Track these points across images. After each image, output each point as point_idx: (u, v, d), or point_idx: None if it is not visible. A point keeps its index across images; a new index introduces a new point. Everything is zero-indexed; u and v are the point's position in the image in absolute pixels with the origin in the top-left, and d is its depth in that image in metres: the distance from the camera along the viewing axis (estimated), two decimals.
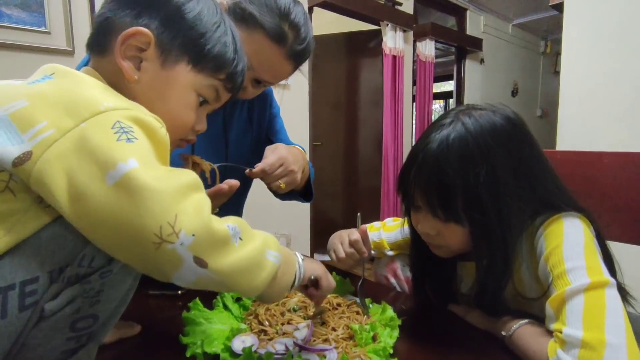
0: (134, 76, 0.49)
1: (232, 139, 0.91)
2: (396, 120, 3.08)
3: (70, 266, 0.40)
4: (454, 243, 0.68)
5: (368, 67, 3.26)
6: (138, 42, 0.49)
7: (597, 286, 0.55)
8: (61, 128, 0.38)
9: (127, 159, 0.38)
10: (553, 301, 0.57)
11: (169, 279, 0.40)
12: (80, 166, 0.37)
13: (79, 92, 0.42)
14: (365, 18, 2.90)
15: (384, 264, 0.93)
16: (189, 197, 0.39)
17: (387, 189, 3.09)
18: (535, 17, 4.24)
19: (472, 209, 0.63)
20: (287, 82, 2.43)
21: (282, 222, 2.51)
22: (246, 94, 0.83)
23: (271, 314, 0.66)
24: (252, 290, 0.45)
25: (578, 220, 0.64)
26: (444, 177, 0.62)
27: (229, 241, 0.41)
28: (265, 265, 0.45)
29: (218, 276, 0.40)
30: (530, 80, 4.74)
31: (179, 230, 0.37)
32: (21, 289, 0.38)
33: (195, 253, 0.38)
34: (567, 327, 0.53)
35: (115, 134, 0.39)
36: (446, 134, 0.63)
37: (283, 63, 0.78)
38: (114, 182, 0.37)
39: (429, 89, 3.48)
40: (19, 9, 1.49)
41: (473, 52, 3.90)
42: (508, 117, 0.65)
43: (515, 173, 0.63)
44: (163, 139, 0.44)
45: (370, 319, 0.67)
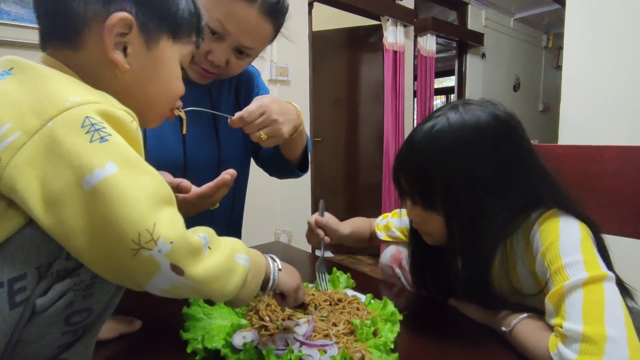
0: (127, 65, 0.47)
1: (221, 125, 0.89)
2: (397, 116, 3.07)
3: (57, 260, 0.40)
4: (435, 232, 0.70)
5: (369, 63, 3.25)
6: (120, 28, 0.46)
7: (595, 280, 0.55)
8: (27, 130, 0.37)
9: (104, 164, 0.37)
10: (552, 296, 0.57)
11: (143, 287, 0.40)
12: (53, 172, 0.36)
13: (41, 88, 0.40)
14: (366, 13, 2.88)
15: (389, 254, 0.92)
16: (164, 209, 0.40)
17: (388, 184, 3.08)
18: (537, 11, 4.21)
19: (446, 199, 0.65)
20: (287, 77, 2.43)
21: (283, 218, 2.51)
22: (230, 69, 0.80)
23: (272, 310, 0.66)
24: (224, 295, 0.45)
25: (572, 216, 0.64)
26: (423, 167, 0.65)
27: (202, 250, 0.42)
28: (237, 270, 0.46)
29: (193, 283, 0.41)
30: (532, 74, 4.72)
31: (157, 238, 0.37)
32: (10, 287, 0.38)
33: (172, 260, 0.39)
34: (567, 321, 0.53)
35: (87, 134, 0.37)
36: (431, 125, 0.66)
37: (259, 21, 0.75)
38: (91, 188, 0.36)
39: (430, 84, 3.46)
40: (18, 6, 1.48)
41: (474, 47, 3.88)
42: (495, 114, 0.65)
43: (495, 169, 0.63)
44: (134, 133, 0.42)
45: (370, 314, 0.67)
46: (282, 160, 0.92)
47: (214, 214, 0.87)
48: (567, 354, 0.51)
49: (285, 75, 2.41)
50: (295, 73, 2.48)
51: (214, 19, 0.72)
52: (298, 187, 2.59)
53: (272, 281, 0.54)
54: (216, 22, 0.73)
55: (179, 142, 0.84)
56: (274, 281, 0.54)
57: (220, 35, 0.74)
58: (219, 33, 0.74)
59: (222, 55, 0.76)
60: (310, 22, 2.58)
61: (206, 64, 0.78)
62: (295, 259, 1.06)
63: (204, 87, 0.88)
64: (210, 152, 0.88)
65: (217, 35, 0.74)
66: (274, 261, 0.56)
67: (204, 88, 0.88)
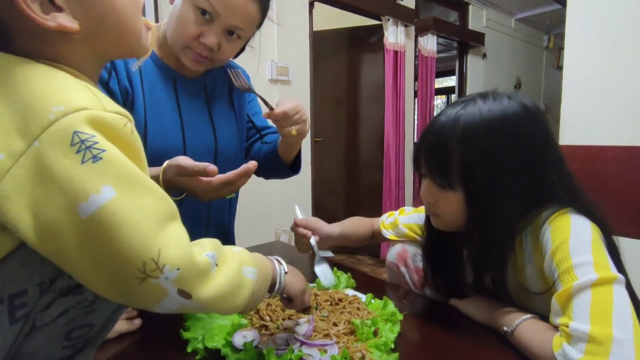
0: (75, 24, 0.39)
1: (216, 117, 0.94)
2: (398, 116, 3.07)
3: (60, 277, 0.38)
4: (448, 213, 0.70)
5: (369, 63, 3.24)
6: None
7: (604, 282, 0.54)
8: (12, 152, 0.33)
9: (100, 188, 0.34)
10: (560, 296, 0.56)
11: (151, 309, 0.39)
12: (45, 199, 0.33)
13: (21, 95, 0.35)
14: (366, 13, 2.88)
15: (395, 252, 0.92)
16: (169, 228, 0.38)
17: (389, 184, 3.08)
18: (538, 11, 4.21)
19: (467, 177, 0.65)
20: (288, 77, 2.42)
21: (284, 219, 2.51)
22: (222, 52, 0.82)
23: (272, 309, 0.66)
24: (232, 310, 0.46)
25: (584, 216, 0.63)
26: (445, 144, 0.65)
27: (210, 270, 0.41)
28: (244, 284, 0.46)
29: (201, 304, 0.41)
30: (533, 75, 4.71)
31: (163, 265, 0.36)
32: (10, 303, 0.36)
33: (180, 286, 0.38)
34: (574, 321, 0.53)
35: (78, 154, 0.33)
36: (458, 109, 0.66)
37: (247, 1, 0.77)
38: (89, 216, 0.33)
39: (431, 84, 3.46)
40: None
41: (475, 47, 3.88)
42: (524, 104, 0.66)
43: (516, 153, 0.63)
44: (129, 138, 0.38)
45: (370, 314, 0.67)
46: (278, 161, 0.95)
47: (211, 204, 0.92)
48: (572, 353, 0.51)
49: (286, 75, 2.41)
50: (295, 73, 2.48)
51: (203, 1, 0.75)
52: (298, 187, 2.59)
53: (278, 284, 0.54)
54: (206, 4, 0.75)
55: (178, 132, 0.87)
56: (281, 284, 0.54)
57: (210, 17, 0.77)
58: (209, 13, 0.77)
59: (214, 37, 0.79)
60: (311, 21, 2.58)
61: (200, 48, 0.80)
62: (296, 259, 1.06)
63: (200, 82, 0.92)
64: (208, 142, 0.91)
65: (208, 17, 0.77)
66: (280, 264, 0.56)
67: (199, 83, 0.92)
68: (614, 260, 0.58)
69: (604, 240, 0.61)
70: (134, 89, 0.81)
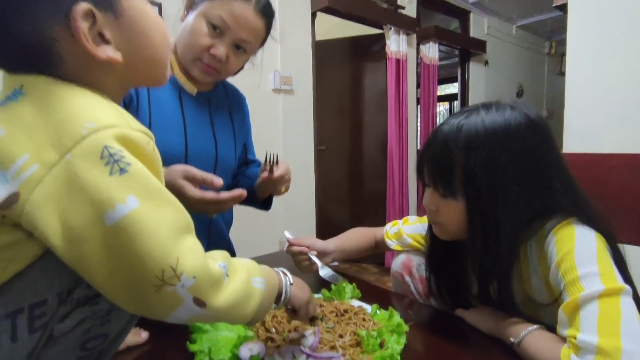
0: (119, 56, 0.43)
1: (217, 128, 1.00)
2: (401, 123, 3.08)
3: (78, 287, 0.40)
4: (450, 221, 0.70)
5: (372, 71, 3.26)
6: (86, 22, 0.41)
7: (611, 293, 0.54)
8: (45, 163, 0.36)
9: (125, 198, 0.36)
10: (566, 307, 0.56)
11: (164, 318, 0.40)
12: (73, 207, 0.36)
13: (56, 111, 0.38)
14: (368, 22, 2.90)
15: (400, 262, 0.92)
16: (186, 239, 0.40)
17: (393, 192, 3.08)
18: (539, 18, 4.22)
19: (469, 185, 0.65)
20: (291, 87, 2.44)
21: (288, 227, 2.49)
22: (229, 65, 0.89)
23: (278, 321, 0.66)
24: (242, 319, 0.47)
25: (588, 227, 0.63)
26: (448, 152, 0.66)
27: (222, 280, 0.43)
28: (253, 294, 0.47)
29: (214, 312, 0.42)
30: (535, 81, 4.72)
31: (180, 273, 0.38)
32: (30, 312, 0.38)
33: (195, 294, 0.39)
34: (581, 333, 0.52)
35: (107, 166, 0.36)
36: (460, 119, 0.67)
37: (255, 17, 0.86)
38: (113, 224, 0.36)
39: (434, 91, 3.47)
40: None
41: (477, 54, 3.89)
42: (527, 115, 0.66)
43: (520, 162, 0.64)
44: (151, 155, 0.41)
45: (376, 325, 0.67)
46: (253, 195, 1.02)
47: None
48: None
49: (289, 85, 2.43)
50: (299, 82, 2.50)
51: (216, 16, 0.84)
52: (302, 196, 2.59)
53: (284, 295, 0.55)
54: (218, 19, 0.84)
55: (181, 138, 0.91)
56: (286, 295, 0.55)
57: (221, 31, 0.85)
58: (220, 28, 0.85)
59: (223, 48, 0.86)
60: (313, 31, 2.60)
61: (209, 59, 0.87)
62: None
63: (205, 96, 0.97)
64: (209, 150, 0.96)
65: (218, 31, 0.85)
66: (285, 275, 0.56)
67: (204, 97, 0.97)
68: (620, 270, 0.58)
69: (609, 249, 0.61)
70: (139, 96, 0.85)
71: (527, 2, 3.82)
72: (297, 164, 2.55)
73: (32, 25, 0.39)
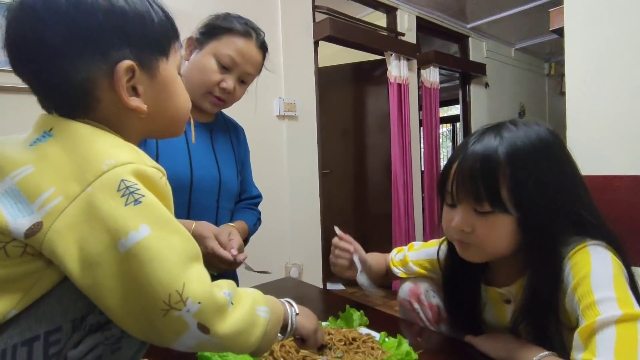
0: (145, 107, 0.49)
1: (219, 152, 1.08)
2: (404, 146, 3.11)
3: (91, 314, 0.41)
4: (490, 240, 0.66)
5: (374, 96, 3.32)
6: (126, 75, 0.47)
7: (629, 319, 0.54)
8: (68, 195, 0.39)
9: (138, 226, 0.39)
10: (582, 331, 0.55)
11: (169, 344, 0.42)
12: (91, 235, 0.38)
13: (80, 150, 0.42)
14: (369, 49, 2.98)
15: (407, 289, 0.91)
16: (193, 267, 0.42)
17: (398, 214, 3.07)
18: (537, 41, 4.31)
19: (521, 198, 0.63)
20: (295, 113, 2.49)
21: (294, 252, 2.50)
22: (235, 95, 1.01)
23: (286, 351, 0.66)
24: (246, 348, 0.47)
25: (604, 249, 0.63)
26: (491, 167, 0.64)
27: (227, 307, 0.44)
28: (258, 323, 0.48)
29: (218, 340, 0.43)
30: (536, 101, 4.76)
31: (186, 298, 0.39)
32: (45, 340, 0.39)
33: (200, 320, 0.41)
34: (597, 358, 0.52)
35: (122, 197, 0.39)
36: (492, 136, 0.66)
37: (256, 52, 0.99)
38: (126, 250, 0.38)
39: (436, 114, 3.51)
40: None
41: (477, 77, 3.96)
42: (553, 132, 0.68)
43: (561, 180, 0.64)
44: (164, 189, 0.45)
45: (385, 353, 0.66)
46: None
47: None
48: None
49: (293, 111, 2.48)
50: (303, 108, 2.55)
51: (224, 54, 0.95)
52: (308, 220, 2.59)
53: (290, 326, 0.56)
54: (227, 57, 0.95)
55: (186, 164, 0.97)
56: (292, 325, 0.56)
57: (229, 67, 0.97)
58: (229, 65, 0.96)
59: (232, 82, 0.98)
60: (316, 59, 2.67)
61: (219, 92, 0.98)
62: (307, 296, 1.05)
63: (207, 126, 1.06)
64: (213, 175, 1.02)
65: (227, 67, 0.97)
66: (291, 306, 0.57)
67: (207, 127, 1.06)
68: (635, 296, 0.58)
69: (625, 274, 0.61)
70: None
71: (524, 26, 3.91)
72: (302, 188, 2.56)
73: (84, 72, 0.44)
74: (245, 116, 1.29)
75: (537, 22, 3.62)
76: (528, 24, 3.82)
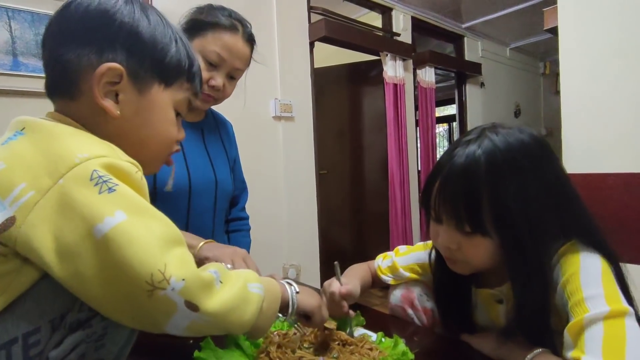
0: (117, 112, 0.49)
1: (212, 153, 1.07)
2: (400, 146, 3.11)
3: (70, 312, 0.41)
4: (475, 258, 0.67)
5: (370, 96, 3.33)
6: (111, 77, 0.48)
7: (616, 315, 0.54)
8: (40, 188, 0.39)
9: (114, 212, 0.38)
10: (571, 328, 0.56)
11: (162, 328, 0.41)
12: (66, 225, 0.38)
13: (52, 146, 0.42)
14: (365, 49, 2.98)
15: (399, 294, 0.88)
16: (175, 249, 0.41)
17: (395, 214, 3.08)
18: (531, 41, 4.33)
19: (502, 221, 0.61)
20: (292, 113, 2.49)
21: (291, 253, 2.50)
22: (225, 92, 0.99)
23: (282, 352, 0.66)
24: (243, 325, 0.46)
25: (593, 249, 0.63)
26: (471, 188, 0.62)
27: (214, 284, 0.43)
28: (251, 299, 0.47)
29: (209, 317, 0.42)
30: (532, 101, 4.78)
31: (169, 277, 0.38)
32: (24, 342, 0.39)
33: (186, 297, 0.40)
34: (586, 355, 0.52)
35: (96, 186, 0.39)
36: (473, 149, 0.63)
37: (244, 46, 0.97)
38: (103, 235, 0.37)
39: (432, 113, 3.53)
40: (35, 59, 1.57)
41: (473, 77, 3.97)
42: (535, 137, 0.66)
43: (544, 191, 0.62)
44: (139, 183, 0.44)
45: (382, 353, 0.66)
46: None
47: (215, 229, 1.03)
48: None
49: (289, 112, 2.48)
50: (299, 109, 2.55)
51: (211, 51, 0.93)
52: (305, 220, 2.59)
53: (291, 304, 0.56)
54: (214, 54, 0.93)
55: (183, 168, 0.96)
56: (294, 304, 0.56)
57: (217, 64, 0.95)
58: (216, 62, 0.94)
59: (220, 79, 0.96)
60: (312, 59, 2.68)
61: (208, 90, 0.96)
62: None
63: (198, 126, 1.06)
64: (208, 177, 1.02)
65: (215, 65, 0.95)
66: (290, 285, 0.57)
67: (197, 127, 1.05)
68: (623, 293, 0.58)
69: (613, 271, 0.61)
70: None
71: (518, 26, 3.93)
72: (299, 189, 2.56)
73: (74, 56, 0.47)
74: (240, 117, 1.29)
75: (531, 21, 3.65)
76: (523, 23, 3.84)
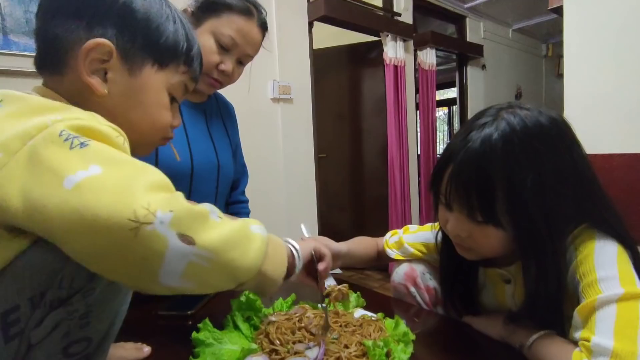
0: (104, 90, 0.47)
1: (215, 136, 1.05)
2: (400, 129, 3.08)
3: (50, 290, 0.39)
4: (486, 247, 0.65)
5: (370, 78, 3.28)
6: (99, 54, 0.46)
7: (631, 297, 0.53)
8: (9, 150, 0.36)
9: (88, 167, 0.35)
10: (582, 309, 0.55)
11: (157, 277, 0.36)
12: (34, 180, 0.35)
13: (28, 114, 0.40)
14: (365, 30, 2.92)
15: (402, 272, 0.88)
16: (160, 193, 0.37)
17: (394, 197, 3.07)
18: (534, 21, 4.25)
19: (517, 213, 0.59)
20: (290, 96, 2.45)
21: (290, 236, 2.49)
22: (233, 77, 0.96)
23: (282, 332, 0.65)
24: (249, 266, 0.42)
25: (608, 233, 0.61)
26: (486, 179, 0.59)
27: (209, 216, 0.39)
28: (253, 237, 0.43)
29: (209, 253, 0.37)
30: (533, 83, 4.73)
31: (154, 210, 0.35)
32: (3, 320, 0.37)
33: (178, 230, 0.36)
34: (596, 336, 0.51)
35: (66, 142, 0.36)
36: (489, 133, 0.59)
37: (257, 33, 0.94)
38: (74, 185, 0.34)
39: (432, 96, 3.48)
40: (26, 37, 1.52)
41: (474, 59, 3.91)
42: (554, 119, 0.62)
43: (561, 178, 0.60)
44: (121, 147, 0.41)
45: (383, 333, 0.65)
46: None
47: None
48: None
49: (288, 94, 2.44)
50: (297, 91, 2.51)
51: (225, 34, 0.89)
52: (304, 203, 2.58)
53: (296, 253, 0.57)
54: (228, 38, 0.90)
55: (186, 149, 0.94)
56: (298, 254, 0.57)
57: (229, 48, 0.92)
58: (228, 47, 0.91)
59: (231, 64, 0.93)
60: (311, 40, 2.62)
61: (217, 74, 0.93)
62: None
63: (201, 107, 1.03)
64: (211, 160, 1.00)
65: (226, 49, 0.91)
66: (287, 242, 0.58)
67: (200, 108, 1.02)
68: (639, 275, 0.57)
69: (630, 255, 0.60)
70: None
71: (522, 5, 3.85)
72: (298, 172, 2.54)
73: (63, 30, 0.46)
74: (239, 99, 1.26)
75: (535, 1, 3.57)
76: (526, 3, 3.76)
